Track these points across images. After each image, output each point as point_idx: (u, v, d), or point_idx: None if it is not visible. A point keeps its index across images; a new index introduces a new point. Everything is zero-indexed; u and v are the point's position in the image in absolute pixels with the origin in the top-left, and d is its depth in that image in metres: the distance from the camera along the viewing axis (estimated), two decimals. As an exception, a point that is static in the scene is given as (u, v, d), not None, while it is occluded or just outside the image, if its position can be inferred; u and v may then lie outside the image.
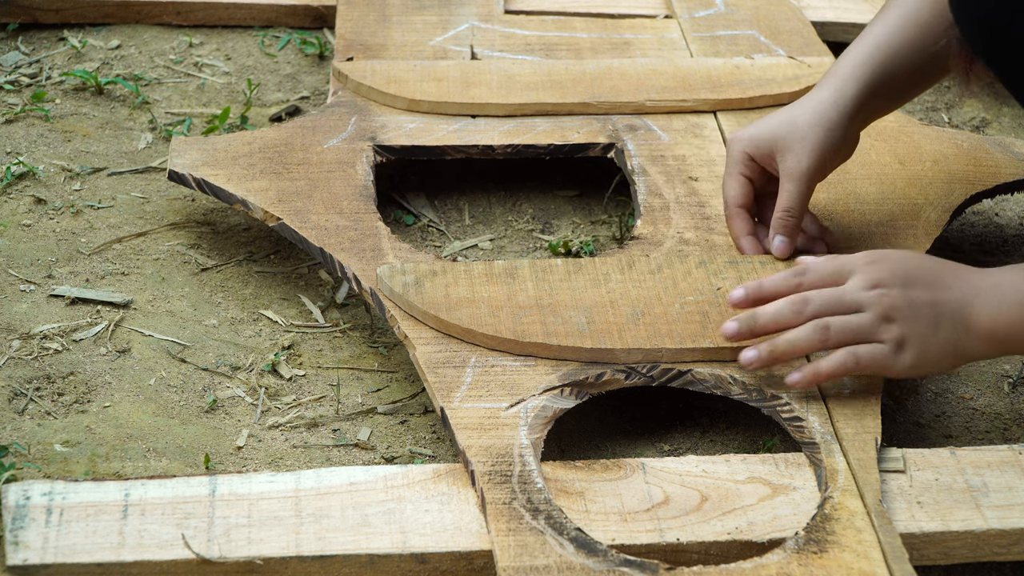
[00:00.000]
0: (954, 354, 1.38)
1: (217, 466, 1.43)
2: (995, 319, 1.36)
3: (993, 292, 1.37)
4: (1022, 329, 1.35)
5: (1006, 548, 1.31)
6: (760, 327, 1.41)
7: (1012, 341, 1.36)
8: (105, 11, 2.14)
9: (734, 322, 1.41)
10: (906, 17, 1.58)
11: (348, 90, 1.87)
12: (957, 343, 1.38)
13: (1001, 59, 1.39)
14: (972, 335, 1.37)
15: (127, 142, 1.91)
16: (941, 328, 1.38)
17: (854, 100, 1.57)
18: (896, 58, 1.58)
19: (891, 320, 1.38)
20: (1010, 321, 1.36)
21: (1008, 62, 1.38)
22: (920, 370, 1.39)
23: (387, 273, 1.52)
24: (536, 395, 1.40)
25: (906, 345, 1.38)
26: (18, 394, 1.50)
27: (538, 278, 1.53)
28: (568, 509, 1.30)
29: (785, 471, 1.35)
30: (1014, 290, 1.36)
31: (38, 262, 1.68)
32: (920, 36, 1.58)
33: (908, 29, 1.58)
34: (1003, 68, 1.40)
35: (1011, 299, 1.36)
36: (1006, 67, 1.39)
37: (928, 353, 1.38)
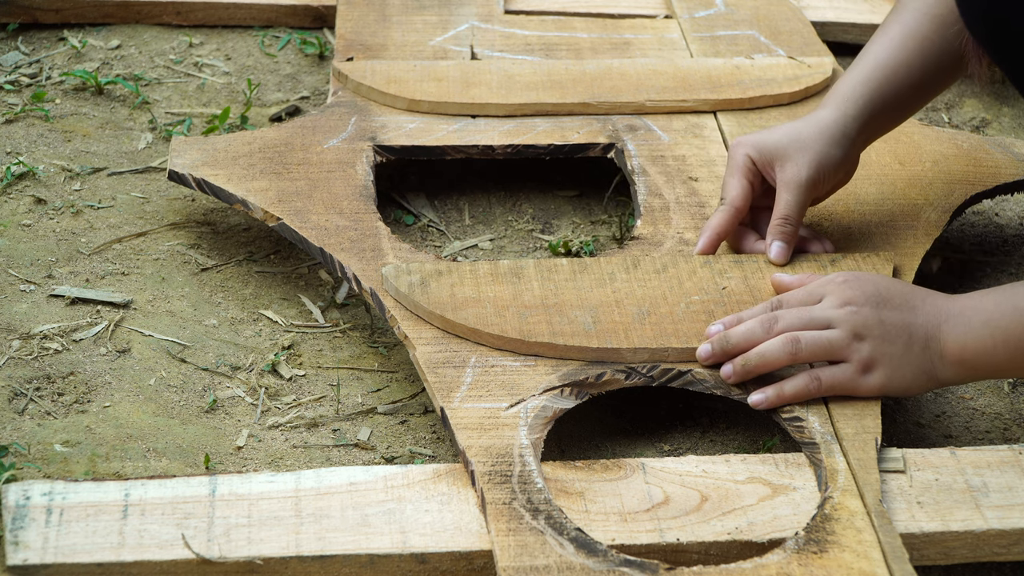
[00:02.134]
0: (927, 377, 1.40)
1: (217, 466, 1.43)
2: (963, 345, 1.38)
3: (960, 318, 1.39)
4: (991, 353, 1.37)
5: (1006, 548, 1.31)
6: (732, 347, 1.42)
7: (982, 366, 1.38)
8: (105, 11, 2.14)
9: (707, 344, 1.43)
10: (907, 33, 1.59)
11: (348, 90, 1.87)
12: (930, 367, 1.39)
13: (1005, 53, 1.39)
14: (943, 360, 1.39)
15: (127, 142, 1.91)
16: (912, 350, 1.39)
17: (855, 121, 1.57)
18: (897, 76, 1.59)
19: (861, 338, 1.40)
20: (978, 346, 1.37)
21: (1012, 56, 1.38)
22: (890, 391, 1.40)
23: (392, 273, 1.52)
24: (536, 395, 1.40)
25: (876, 365, 1.40)
26: (18, 394, 1.50)
27: (543, 278, 1.53)
28: (568, 509, 1.30)
29: (785, 471, 1.35)
30: (981, 315, 1.38)
31: (38, 262, 1.68)
32: (922, 50, 1.58)
33: (909, 45, 1.58)
34: (1007, 62, 1.40)
35: (978, 323, 1.37)
36: (1010, 61, 1.39)
37: (899, 374, 1.40)
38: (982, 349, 1.37)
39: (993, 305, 1.37)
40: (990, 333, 1.37)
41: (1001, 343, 1.36)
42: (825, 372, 1.40)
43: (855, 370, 1.40)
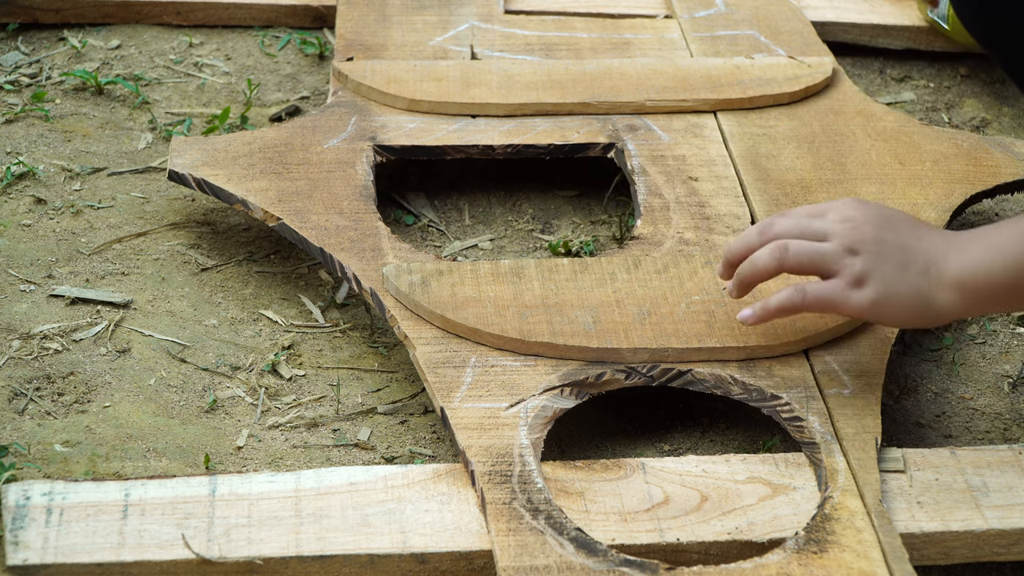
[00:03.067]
0: (922, 302, 1.34)
1: (217, 466, 1.43)
2: (962, 267, 1.32)
3: (962, 244, 1.33)
4: (990, 275, 1.31)
5: (1006, 548, 1.31)
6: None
7: (981, 290, 1.32)
8: (105, 11, 2.14)
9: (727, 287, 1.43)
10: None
11: (348, 90, 1.87)
12: (925, 290, 1.33)
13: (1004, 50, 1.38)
14: (941, 284, 1.33)
15: (127, 142, 1.91)
16: (908, 271, 1.34)
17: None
18: None
19: (855, 253, 1.35)
20: (978, 268, 1.31)
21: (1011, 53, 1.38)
22: (880, 311, 1.35)
23: (393, 272, 1.52)
24: (536, 395, 1.40)
25: (867, 281, 1.35)
26: (18, 394, 1.50)
27: (544, 278, 1.53)
28: (568, 509, 1.30)
29: (785, 471, 1.35)
30: (984, 240, 1.32)
31: (38, 262, 1.68)
32: None
33: None
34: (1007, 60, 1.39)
35: (980, 247, 1.32)
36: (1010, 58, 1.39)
37: (891, 293, 1.34)
38: (982, 270, 1.31)
39: (996, 230, 1.33)
40: (991, 256, 1.31)
41: (1000, 266, 1.31)
42: (812, 285, 1.36)
43: (845, 284, 1.35)
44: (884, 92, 2.10)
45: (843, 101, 1.89)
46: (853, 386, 1.43)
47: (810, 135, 1.82)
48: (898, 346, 1.61)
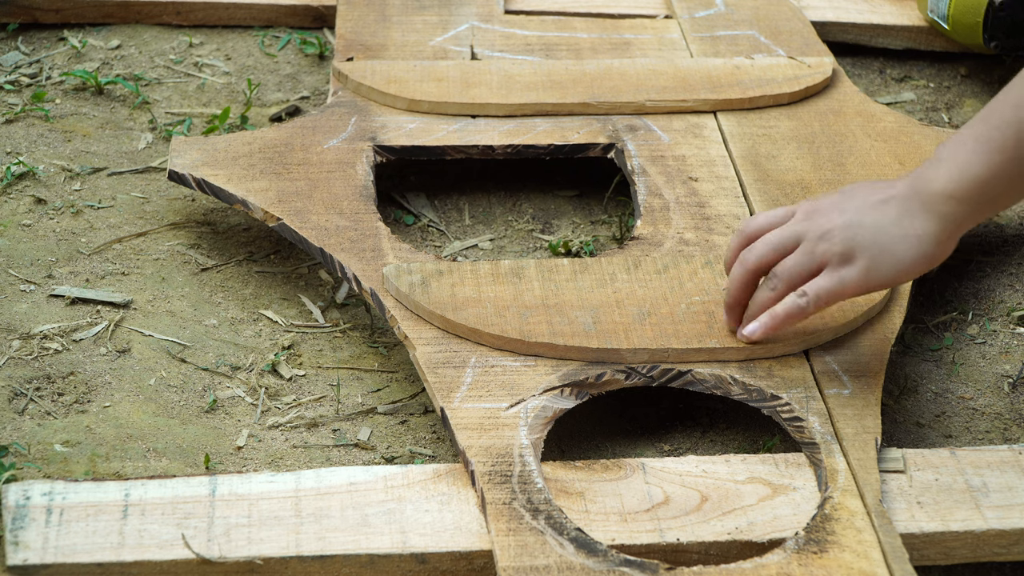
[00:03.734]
0: (916, 239, 1.30)
1: (217, 466, 1.43)
2: (949, 177, 1.28)
3: (938, 160, 1.29)
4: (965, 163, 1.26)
5: (1006, 548, 1.31)
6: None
7: (979, 189, 1.27)
8: (105, 11, 2.14)
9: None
10: None
11: (348, 90, 1.87)
12: (913, 227, 1.30)
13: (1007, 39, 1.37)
14: (931, 207, 1.29)
15: (127, 142, 1.91)
16: (887, 221, 1.30)
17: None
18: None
19: (827, 239, 1.33)
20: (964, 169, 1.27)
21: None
22: (879, 273, 1.32)
23: (393, 273, 1.52)
24: (536, 395, 1.40)
25: (853, 254, 1.32)
26: (18, 394, 1.50)
27: (544, 278, 1.53)
28: (568, 509, 1.30)
29: (785, 471, 1.35)
30: (959, 142, 1.28)
31: (38, 262, 1.68)
32: None
33: None
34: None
35: (956, 148, 1.28)
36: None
37: (881, 251, 1.31)
38: (968, 166, 1.27)
39: (966, 129, 1.28)
40: (970, 149, 1.27)
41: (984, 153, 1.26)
42: (809, 285, 1.35)
43: (835, 268, 1.33)
44: (884, 92, 2.10)
45: (843, 101, 1.89)
46: (853, 386, 1.43)
47: (810, 135, 1.82)
48: (898, 346, 1.61)
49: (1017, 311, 1.67)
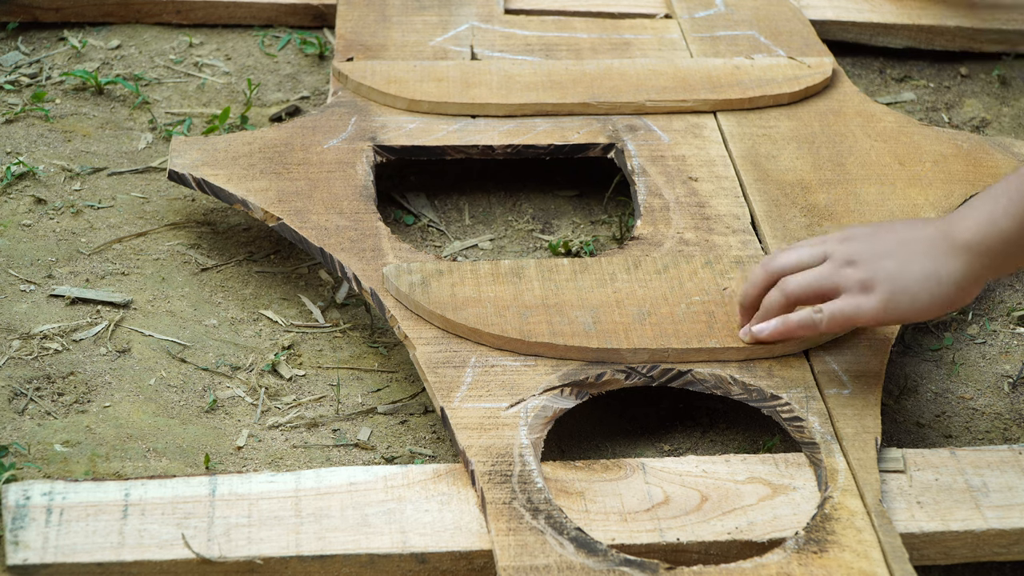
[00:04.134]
0: (934, 282, 1.31)
1: (217, 466, 1.43)
2: (969, 228, 1.29)
3: (967, 211, 1.31)
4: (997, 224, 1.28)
5: (1006, 548, 1.31)
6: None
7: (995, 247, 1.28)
8: (105, 10, 2.14)
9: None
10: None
11: (348, 90, 1.87)
12: (933, 270, 1.31)
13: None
14: (950, 255, 1.30)
15: (127, 142, 1.91)
16: (912, 260, 1.32)
17: None
18: None
19: (853, 264, 1.35)
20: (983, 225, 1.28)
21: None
22: (896, 308, 1.33)
23: (393, 273, 1.52)
24: (536, 395, 1.40)
25: (873, 284, 1.34)
26: (18, 394, 1.50)
27: (544, 278, 1.53)
28: (568, 509, 1.30)
29: (785, 471, 1.35)
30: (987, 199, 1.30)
31: (38, 262, 1.68)
32: None
33: None
34: None
35: (983, 204, 1.29)
36: None
37: (900, 287, 1.32)
38: (987, 223, 1.28)
39: (995, 187, 1.30)
40: (993, 207, 1.28)
41: (1005, 214, 1.28)
42: (828, 304, 1.37)
43: (854, 295, 1.35)
44: (884, 92, 2.10)
45: (843, 101, 1.89)
46: (853, 386, 1.43)
47: (810, 135, 1.82)
48: (898, 346, 1.61)
49: (1017, 311, 1.67)
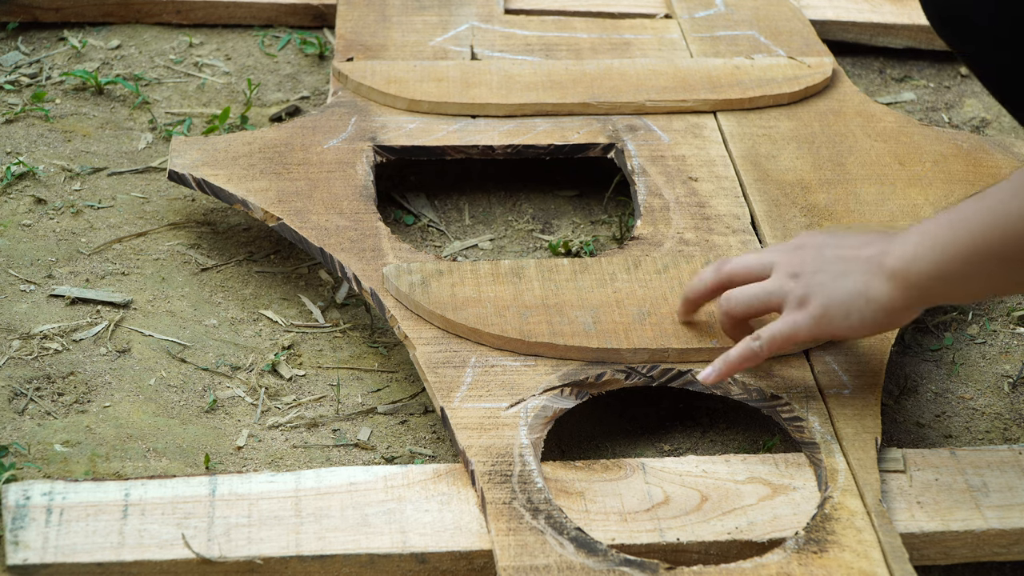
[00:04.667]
0: (863, 302, 1.31)
1: (217, 466, 1.43)
2: (899, 259, 1.30)
3: (907, 236, 1.31)
4: (925, 268, 1.28)
5: (1006, 548, 1.31)
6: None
7: (921, 283, 1.29)
8: (105, 9, 2.14)
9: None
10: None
11: (348, 90, 1.87)
12: (863, 290, 1.31)
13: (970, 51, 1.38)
14: (880, 278, 1.31)
15: (127, 142, 1.91)
16: (847, 276, 1.32)
17: None
18: None
19: (796, 277, 1.35)
20: (911, 260, 1.29)
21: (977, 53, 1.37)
22: (828, 323, 1.33)
23: (393, 273, 1.52)
24: (536, 395, 1.40)
25: (809, 299, 1.34)
26: (18, 394, 1.50)
27: (544, 278, 1.53)
28: (568, 509, 1.30)
29: (785, 471, 1.35)
30: (921, 232, 1.30)
31: (38, 262, 1.68)
32: None
33: None
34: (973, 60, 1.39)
35: (917, 237, 1.30)
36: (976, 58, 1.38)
37: (832, 303, 1.32)
38: (914, 260, 1.29)
39: (934, 221, 1.30)
40: (924, 244, 1.29)
41: (931, 255, 1.28)
42: (764, 329, 1.36)
43: (792, 311, 1.35)
44: (884, 92, 2.10)
45: (843, 101, 1.89)
46: (853, 386, 1.43)
47: (810, 135, 1.82)
48: (898, 346, 1.61)
49: (1017, 311, 1.67)
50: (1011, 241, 1.24)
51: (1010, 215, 1.23)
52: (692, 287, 1.45)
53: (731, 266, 1.41)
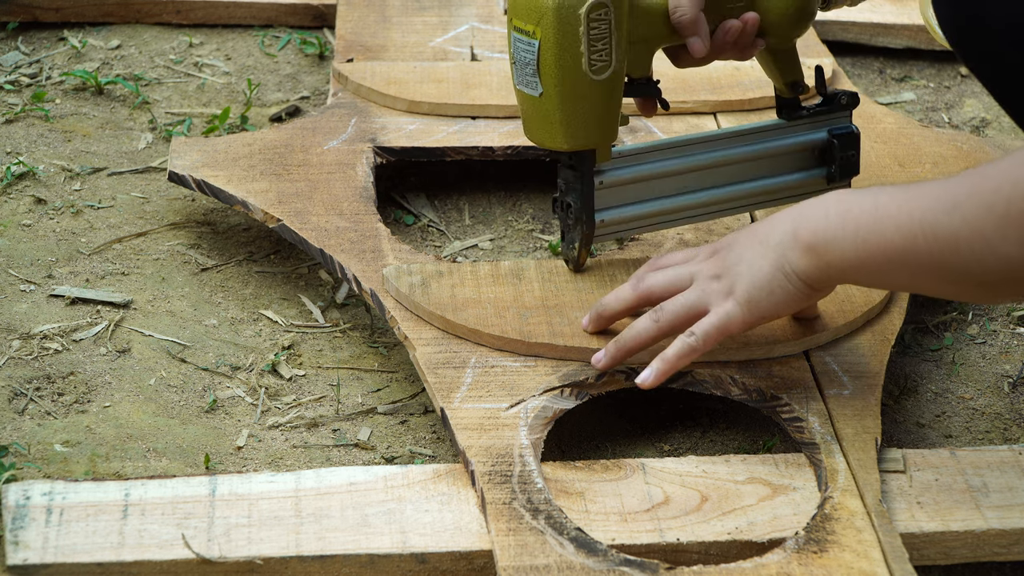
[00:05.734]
0: (783, 276, 1.32)
1: (217, 466, 1.43)
2: (815, 231, 1.30)
3: (819, 206, 1.31)
4: (839, 240, 1.28)
5: (1006, 548, 1.31)
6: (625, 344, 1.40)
7: (834, 262, 1.29)
8: (105, 9, 2.14)
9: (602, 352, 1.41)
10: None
11: (348, 91, 1.87)
12: (781, 260, 1.32)
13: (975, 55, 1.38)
14: (796, 248, 1.31)
15: (127, 142, 1.91)
16: (766, 258, 1.33)
17: None
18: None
19: (718, 278, 1.36)
20: (827, 230, 1.29)
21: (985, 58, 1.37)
22: (755, 306, 1.33)
23: (393, 274, 1.52)
24: (536, 395, 1.40)
25: (734, 289, 1.34)
26: (18, 394, 1.50)
27: (544, 279, 1.53)
28: (568, 509, 1.30)
29: (785, 471, 1.35)
30: (839, 205, 1.30)
31: (38, 262, 1.68)
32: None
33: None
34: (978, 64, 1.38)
35: (835, 213, 1.30)
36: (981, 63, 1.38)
37: (755, 284, 1.33)
38: (831, 238, 1.29)
39: (856, 197, 1.30)
40: (843, 223, 1.29)
41: (850, 237, 1.28)
42: (697, 324, 1.36)
43: (720, 304, 1.35)
44: (884, 92, 2.10)
45: (843, 102, 1.89)
46: (853, 386, 1.43)
47: (810, 136, 1.81)
48: (898, 346, 1.61)
49: (1017, 311, 1.67)
50: (937, 255, 1.23)
51: (938, 230, 1.23)
52: (608, 304, 1.43)
53: (650, 283, 1.41)
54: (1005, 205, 1.18)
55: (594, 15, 1.42)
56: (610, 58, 1.45)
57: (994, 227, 1.19)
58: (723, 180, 1.59)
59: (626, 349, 1.40)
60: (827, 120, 1.63)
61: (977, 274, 1.22)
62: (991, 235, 1.20)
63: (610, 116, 1.48)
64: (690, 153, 1.58)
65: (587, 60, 1.43)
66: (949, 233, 1.22)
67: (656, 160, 1.56)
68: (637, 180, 1.55)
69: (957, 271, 1.23)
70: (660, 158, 1.56)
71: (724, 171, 1.59)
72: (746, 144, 1.60)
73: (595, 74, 1.44)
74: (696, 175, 1.58)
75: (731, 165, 1.59)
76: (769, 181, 1.61)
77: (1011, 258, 1.19)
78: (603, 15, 1.43)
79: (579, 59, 1.43)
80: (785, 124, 1.62)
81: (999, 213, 1.19)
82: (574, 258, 1.53)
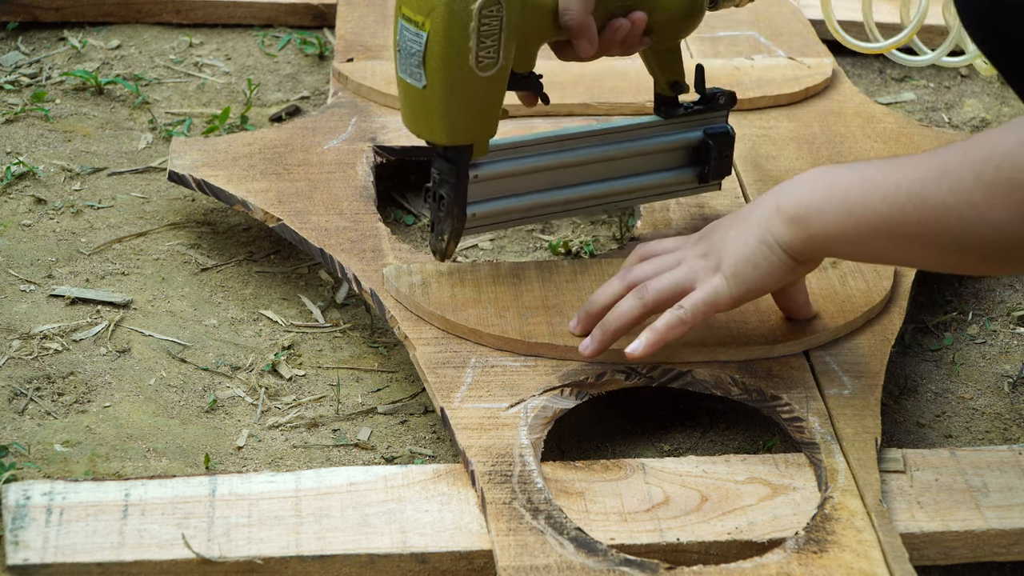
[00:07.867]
0: (767, 248, 1.32)
1: (217, 466, 1.43)
2: (798, 199, 1.30)
3: (804, 178, 1.32)
4: (823, 211, 1.29)
5: (1006, 548, 1.31)
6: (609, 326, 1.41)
7: (815, 224, 1.30)
8: (105, 9, 2.14)
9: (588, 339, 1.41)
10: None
11: (348, 91, 1.87)
12: (765, 233, 1.32)
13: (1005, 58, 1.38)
14: (779, 219, 1.32)
15: (127, 142, 1.91)
16: (751, 232, 1.33)
17: None
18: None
19: (705, 255, 1.36)
20: (811, 200, 1.30)
21: (1010, 61, 1.37)
22: (741, 280, 1.34)
23: (393, 273, 1.52)
24: (536, 395, 1.40)
25: (720, 265, 1.35)
26: (18, 394, 1.50)
27: (544, 279, 1.53)
28: (568, 509, 1.30)
29: (785, 471, 1.35)
30: (824, 176, 1.31)
31: (38, 262, 1.68)
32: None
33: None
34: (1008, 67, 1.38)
35: (820, 184, 1.30)
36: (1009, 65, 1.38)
37: (740, 259, 1.34)
38: (815, 207, 1.30)
39: (842, 174, 1.30)
40: (827, 195, 1.30)
41: (835, 207, 1.29)
42: (686, 298, 1.37)
43: (707, 280, 1.36)
44: (884, 92, 2.10)
45: (843, 102, 1.89)
46: (853, 386, 1.43)
47: (810, 136, 1.82)
48: (898, 346, 1.61)
49: (1017, 311, 1.67)
50: (924, 224, 1.24)
51: (927, 198, 1.23)
52: (596, 301, 1.43)
53: (638, 273, 1.41)
54: (994, 172, 1.19)
55: (486, 11, 1.41)
56: (497, 55, 1.44)
57: (983, 194, 1.20)
58: (598, 176, 1.59)
59: (612, 331, 1.40)
60: (704, 120, 1.63)
61: (964, 242, 1.23)
62: (980, 202, 1.20)
63: (492, 112, 1.48)
64: (566, 148, 1.57)
65: (474, 56, 1.42)
66: (937, 200, 1.22)
67: (532, 155, 1.55)
68: (512, 175, 1.54)
69: (944, 240, 1.23)
70: (536, 152, 1.56)
71: (599, 167, 1.59)
72: (622, 141, 1.60)
73: (481, 70, 1.44)
74: (571, 170, 1.58)
75: (606, 161, 1.59)
76: (644, 178, 1.62)
77: (999, 225, 1.20)
78: (495, 11, 1.41)
79: (466, 55, 1.42)
80: (662, 122, 1.62)
81: (988, 180, 1.19)
82: (442, 249, 1.52)
